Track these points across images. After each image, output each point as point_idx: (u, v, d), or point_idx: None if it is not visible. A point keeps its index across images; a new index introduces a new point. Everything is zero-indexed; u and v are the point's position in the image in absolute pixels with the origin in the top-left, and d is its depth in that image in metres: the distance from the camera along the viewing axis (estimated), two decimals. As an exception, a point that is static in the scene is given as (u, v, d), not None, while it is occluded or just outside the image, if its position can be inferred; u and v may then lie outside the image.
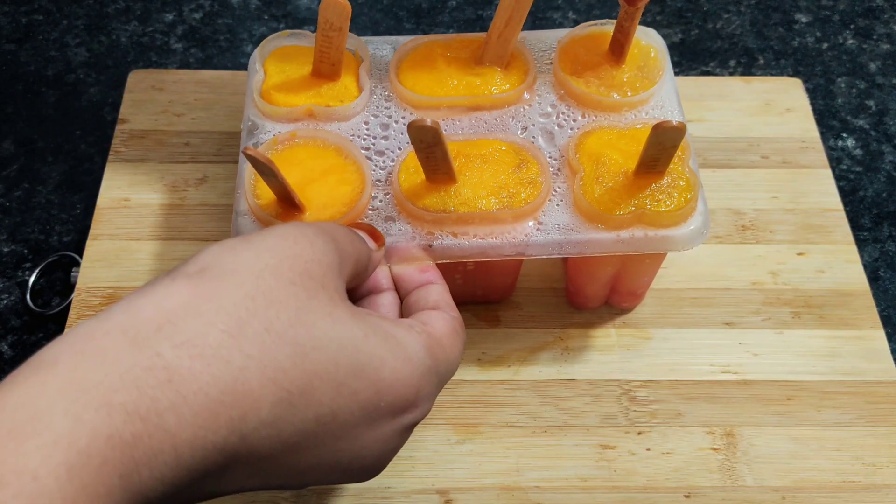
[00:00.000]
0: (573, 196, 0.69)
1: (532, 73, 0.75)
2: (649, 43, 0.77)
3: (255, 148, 0.67)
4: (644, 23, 1.02)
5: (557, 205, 0.69)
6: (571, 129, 0.73)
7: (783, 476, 0.73)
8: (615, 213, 0.67)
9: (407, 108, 0.74)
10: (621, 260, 0.73)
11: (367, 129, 0.73)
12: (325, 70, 0.74)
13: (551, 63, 0.77)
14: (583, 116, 0.74)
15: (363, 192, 0.68)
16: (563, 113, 0.74)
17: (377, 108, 0.74)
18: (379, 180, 0.70)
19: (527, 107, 0.74)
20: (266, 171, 0.62)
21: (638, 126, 0.72)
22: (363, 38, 0.77)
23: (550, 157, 0.71)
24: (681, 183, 0.68)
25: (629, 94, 0.74)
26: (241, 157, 0.70)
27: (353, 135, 0.73)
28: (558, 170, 0.71)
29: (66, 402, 0.41)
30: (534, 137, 0.73)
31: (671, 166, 0.68)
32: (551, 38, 0.78)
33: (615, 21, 0.74)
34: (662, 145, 0.64)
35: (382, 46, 0.78)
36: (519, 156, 0.70)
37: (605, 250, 0.68)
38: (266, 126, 0.73)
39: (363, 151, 0.72)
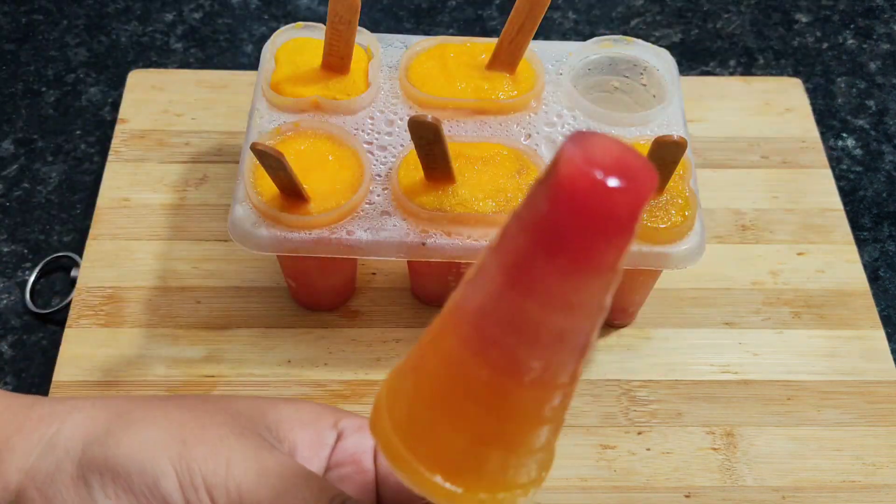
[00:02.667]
0: (570, 207, 0.69)
1: (541, 82, 0.75)
2: (662, 65, 0.77)
3: (258, 137, 0.68)
4: (644, 23, 1.02)
5: (554, 214, 0.69)
6: (576, 140, 0.73)
7: (783, 476, 0.73)
8: None
9: (413, 107, 0.74)
10: (613, 274, 0.73)
11: (373, 124, 0.73)
12: (334, 63, 0.74)
13: (561, 73, 0.77)
14: (588, 128, 0.74)
15: (362, 183, 0.69)
16: (568, 123, 0.74)
17: (384, 104, 0.75)
18: (379, 175, 0.71)
19: (533, 114, 0.74)
20: (275, 164, 0.62)
21: (641, 142, 0.72)
22: (375, 35, 0.78)
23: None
24: (679, 201, 0.68)
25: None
26: (244, 151, 0.70)
27: (357, 129, 0.73)
28: (557, 180, 0.71)
29: None
30: (537, 145, 0.73)
31: (671, 184, 0.68)
32: (562, 49, 0.79)
33: (629, 38, 0.78)
34: (662, 160, 0.65)
35: (394, 44, 0.79)
36: (519, 161, 0.70)
37: None
38: (273, 116, 0.73)
39: (366, 146, 0.72)
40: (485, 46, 0.76)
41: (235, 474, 0.50)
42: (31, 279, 0.82)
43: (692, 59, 1.02)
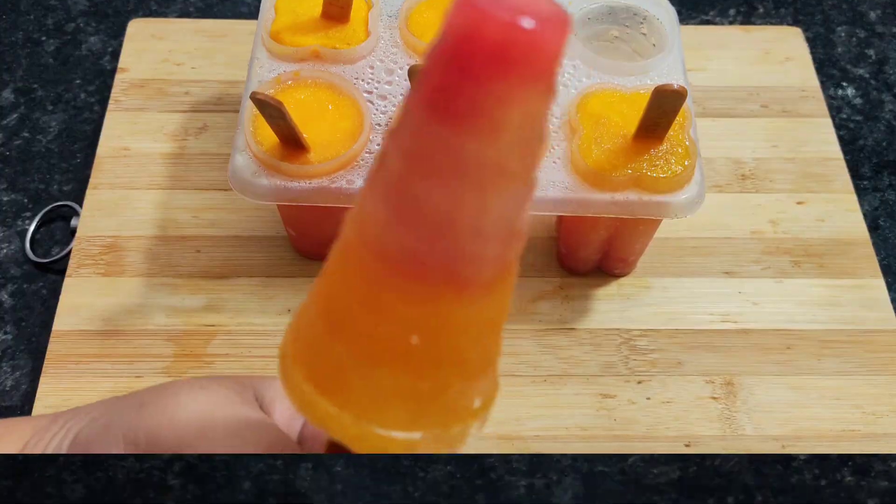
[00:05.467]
0: (570, 155, 0.69)
1: None
2: (662, 14, 0.77)
3: (258, 86, 0.68)
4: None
5: (554, 163, 0.69)
6: (576, 89, 0.73)
7: (783, 425, 0.74)
8: (611, 175, 0.67)
9: (413, 56, 0.74)
10: (614, 224, 0.73)
11: (372, 73, 0.73)
12: (334, 12, 0.74)
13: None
14: (588, 78, 0.73)
15: (362, 132, 0.68)
16: (569, 73, 0.74)
17: (384, 53, 0.74)
18: (378, 124, 0.70)
19: (534, 63, 0.74)
20: (275, 113, 0.62)
21: (641, 91, 0.71)
22: None
23: (552, 115, 0.71)
24: (679, 150, 0.68)
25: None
26: (244, 101, 0.70)
27: (357, 78, 0.73)
28: (558, 128, 0.71)
29: None
30: (537, 95, 0.72)
31: (671, 133, 0.68)
32: None
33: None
34: (662, 109, 0.64)
35: (396, -8, 0.78)
36: (518, 110, 0.70)
37: (599, 211, 0.68)
38: (272, 65, 0.73)
39: (366, 95, 0.72)
40: (486, -6, 0.76)
41: (180, 418, 0.48)
42: (31, 228, 0.82)
43: (692, 8, 1.01)
